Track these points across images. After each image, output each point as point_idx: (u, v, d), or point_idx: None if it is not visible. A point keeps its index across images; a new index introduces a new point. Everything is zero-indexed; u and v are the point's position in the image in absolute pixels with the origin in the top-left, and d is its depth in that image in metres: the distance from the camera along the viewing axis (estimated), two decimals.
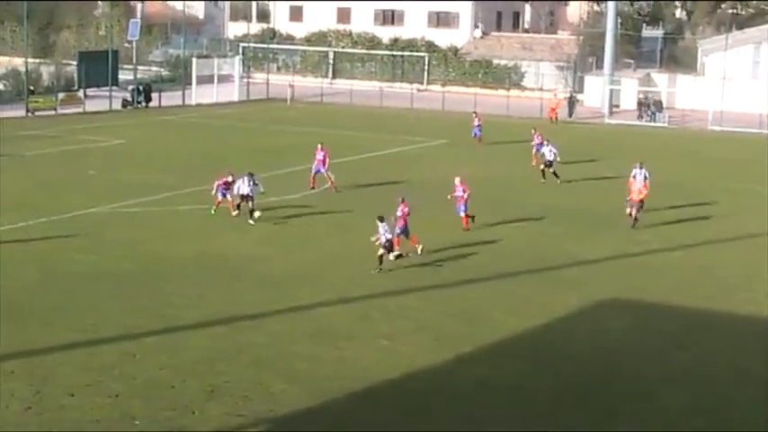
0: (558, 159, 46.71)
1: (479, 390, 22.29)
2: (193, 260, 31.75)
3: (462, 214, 36.51)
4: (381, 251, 30.80)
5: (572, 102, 75.94)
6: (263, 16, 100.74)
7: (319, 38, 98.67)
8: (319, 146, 43.68)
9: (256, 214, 36.08)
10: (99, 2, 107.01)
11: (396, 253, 31.15)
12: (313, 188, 43.06)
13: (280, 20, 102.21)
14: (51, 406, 20.58)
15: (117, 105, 71.26)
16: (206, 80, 77.01)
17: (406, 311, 27.51)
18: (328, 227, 35.12)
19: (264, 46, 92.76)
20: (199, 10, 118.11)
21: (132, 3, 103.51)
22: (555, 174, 46.36)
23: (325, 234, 35.36)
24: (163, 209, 38.80)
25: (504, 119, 70.10)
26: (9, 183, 42.62)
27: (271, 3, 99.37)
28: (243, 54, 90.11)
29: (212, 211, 36.92)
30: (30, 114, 65.17)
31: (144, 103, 72.78)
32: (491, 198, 42.65)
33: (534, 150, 49.23)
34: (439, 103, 76.21)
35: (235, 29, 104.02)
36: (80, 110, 68.17)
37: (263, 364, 23.27)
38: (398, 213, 32.43)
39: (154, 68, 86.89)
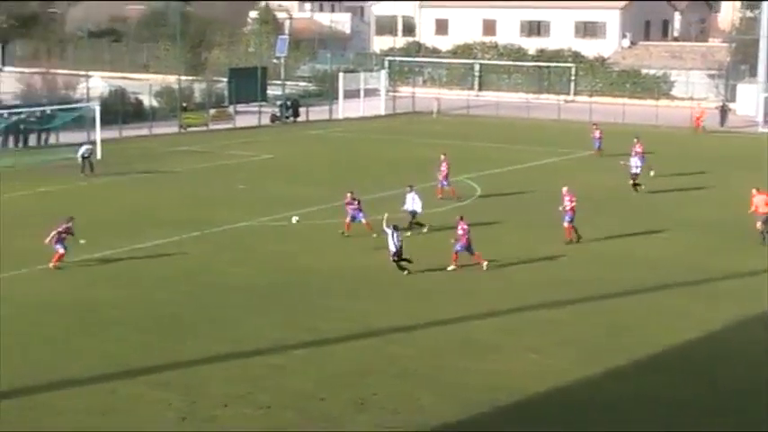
0: (638, 172, 45.71)
1: (630, 402, 21.90)
2: (341, 273, 32.00)
3: (566, 224, 35.98)
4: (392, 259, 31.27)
5: (724, 111, 74.16)
6: (409, 30, 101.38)
7: (465, 50, 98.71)
8: (442, 156, 43.71)
9: (294, 219, 37.64)
10: (249, 18, 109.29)
11: (406, 264, 31.32)
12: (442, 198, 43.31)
13: (425, 33, 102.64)
14: (205, 416, 20.98)
15: (266, 121, 72.53)
16: (352, 94, 77.73)
17: (555, 325, 27.21)
18: (475, 239, 35.00)
19: (410, 59, 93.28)
20: (345, 25, 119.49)
21: (281, 19, 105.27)
22: (635, 185, 45.49)
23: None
24: (311, 222, 39.24)
25: (651, 129, 68.85)
26: (164, 198, 43.73)
27: (416, 16, 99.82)
28: (389, 68, 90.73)
29: (343, 233, 36.95)
30: (182, 130, 66.78)
31: (292, 118, 73.87)
32: (634, 209, 42.04)
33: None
34: (586, 114, 75.27)
35: (380, 43, 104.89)
36: (230, 125, 69.52)
37: (412, 376, 23.30)
38: (459, 231, 32.23)
39: (301, 84, 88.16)
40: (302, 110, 74.91)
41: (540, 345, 25.52)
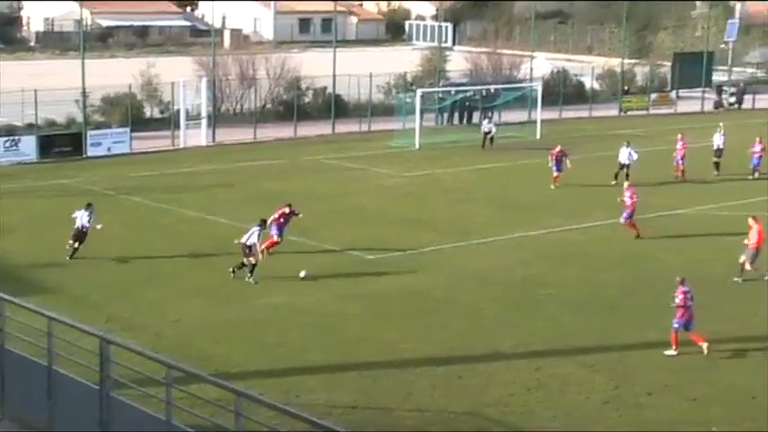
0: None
1: None
2: None
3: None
4: None
5: None
6: None
7: None
8: (679, 136, 44.69)
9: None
10: (697, 2, 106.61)
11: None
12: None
13: None
14: (629, 403, 20.89)
15: (709, 107, 70.58)
16: None
17: None
18: None
19: None
20: None
21: (731, 3, 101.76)
22: None
23: None
24: (750, 214, 37.71)
25: None
26: (600, 180, 43.50)
27: None
28: None
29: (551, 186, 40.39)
30: (622, 114, 66.48)
31: (737, 105, 71.43)
32: None
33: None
34: None
35: None
36: (671, 111, 68.34)
37: None
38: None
39: (749, 70, 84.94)
40: (747, 97, 72.17)
41: None
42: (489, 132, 51.75)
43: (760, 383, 21.82)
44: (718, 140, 46.06)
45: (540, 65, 72.65)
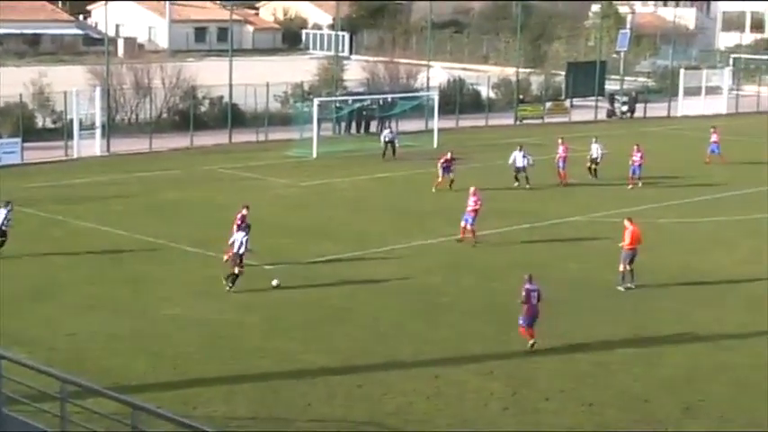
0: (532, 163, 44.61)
1: None
2: (678, 274, 31.20)
3: (463, 224, 34.54)
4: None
5: None
6: (758, 26, 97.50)
7: None
8: (560, 140, 46.48)
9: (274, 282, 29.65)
10: (590, 12, 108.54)
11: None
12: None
13: None
14: (527, 409, 21.10)
15: (602, 116, 71.80)
16: (693, 92, 75.56)
17: None
18: None
19: (757, 57, 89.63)
20: (690, 20, 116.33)
21: (623, 14, 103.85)
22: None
23: None
24: (644, 221, 38.45)
25: None
26: (496, 189, 43.97)
27: (767, 12, 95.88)
28: (733, 65, 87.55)
29: (433, 189, 41.82)
30: (518, 122, 67.27)
31: (629, 114, 72.82)
32: None
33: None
34: None
35: (726, 39, 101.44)
36: (566, 119, 69.32)
37: (745, 386, 22.47)
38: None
39: (640, 79, 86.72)
40: (639, 106, 73.64)
41: None
42: (391, 141, 51.87)
43: (652, 387, 22.26)
44: (594, 150, 47.18)
45: (436, 74, 73.15)
